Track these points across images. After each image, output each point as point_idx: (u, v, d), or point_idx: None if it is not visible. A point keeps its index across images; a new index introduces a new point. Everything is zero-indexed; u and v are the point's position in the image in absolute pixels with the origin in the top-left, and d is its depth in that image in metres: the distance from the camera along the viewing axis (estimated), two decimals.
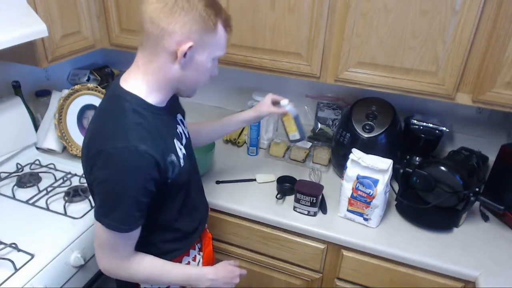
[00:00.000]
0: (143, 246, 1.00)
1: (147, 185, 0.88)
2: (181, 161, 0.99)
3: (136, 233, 0.95)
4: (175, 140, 1.00)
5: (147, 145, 0.86)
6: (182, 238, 1.10)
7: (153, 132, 0.90)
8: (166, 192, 0.96)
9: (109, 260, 0.95)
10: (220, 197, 1.46)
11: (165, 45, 0.86)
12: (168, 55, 0.88)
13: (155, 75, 0.91)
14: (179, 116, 1.11)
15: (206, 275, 1.08)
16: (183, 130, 1.09)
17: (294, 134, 1.32)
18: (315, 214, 1.39)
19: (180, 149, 1.01)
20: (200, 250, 1.20)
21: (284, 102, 1.29)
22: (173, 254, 1.07)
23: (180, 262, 1.11)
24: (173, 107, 1.05)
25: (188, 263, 1.14)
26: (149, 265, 1.00)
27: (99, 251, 0.95)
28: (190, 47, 0.86)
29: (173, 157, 0.95)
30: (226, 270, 1.13)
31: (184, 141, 1.06)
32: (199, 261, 1.19)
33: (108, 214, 0.88)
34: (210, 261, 1.23)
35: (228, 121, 1.36)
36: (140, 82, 0.92)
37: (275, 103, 1.33)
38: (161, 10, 0.84)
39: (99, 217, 0.89)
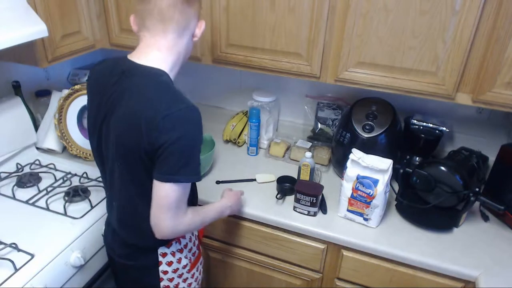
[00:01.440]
0: None
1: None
2: None
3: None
4: None
5: None
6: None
7: None
8: None
9: (174, 219, 0.99)
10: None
11: (189, 27, 1.03)
12: (190, 35, 1.05)
13: (177, 54, 1.04)
14: None
15: (226, 204, 1.26)
16: None
17: None
18: (315, 214, 1.39)
19: None
20: None
21: (308, 154, 1.48)
22: None
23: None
24: None
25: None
26: (199, 213, 1.10)
27: (165, 213, 0.98)
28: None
29: None
30: (233, 194, 1.33)
31: None
32: (196, 235, 1.26)
33: (182, 170, 0.95)
34: (200, 233, 1.32)
35: None
36: (163, 62, 1.02)
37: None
38: None
39: (172, 176, 0.95)
